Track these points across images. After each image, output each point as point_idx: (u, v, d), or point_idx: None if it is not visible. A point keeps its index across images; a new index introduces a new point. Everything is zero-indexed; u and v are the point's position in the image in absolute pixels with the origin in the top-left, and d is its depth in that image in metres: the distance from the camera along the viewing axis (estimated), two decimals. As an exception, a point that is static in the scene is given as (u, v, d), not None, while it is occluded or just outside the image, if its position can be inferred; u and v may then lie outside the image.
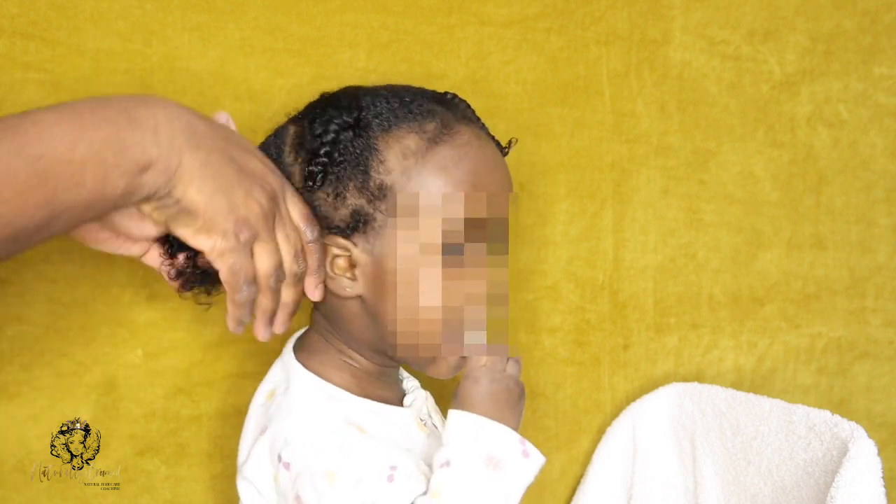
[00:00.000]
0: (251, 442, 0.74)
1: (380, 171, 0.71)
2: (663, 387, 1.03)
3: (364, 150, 0.71)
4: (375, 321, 0.73)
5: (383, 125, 0.72)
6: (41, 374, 0.85)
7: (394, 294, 0.71)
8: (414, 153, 0.71)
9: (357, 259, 0.72)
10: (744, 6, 1.10)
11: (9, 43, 0.82)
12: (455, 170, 0.71)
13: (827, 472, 0.83)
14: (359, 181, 0.71)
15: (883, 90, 1.15)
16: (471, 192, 0.71)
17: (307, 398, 0.72)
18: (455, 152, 0.72)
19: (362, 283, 0.72)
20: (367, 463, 0.67)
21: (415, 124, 0.72)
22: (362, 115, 0.72)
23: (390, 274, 0.71)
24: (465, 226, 0.71)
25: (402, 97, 0.74)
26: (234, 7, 0.89)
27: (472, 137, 0.73)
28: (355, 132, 0.71)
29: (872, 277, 1.15)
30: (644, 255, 1.07)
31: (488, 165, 0.74)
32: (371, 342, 0.75)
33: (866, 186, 1.14)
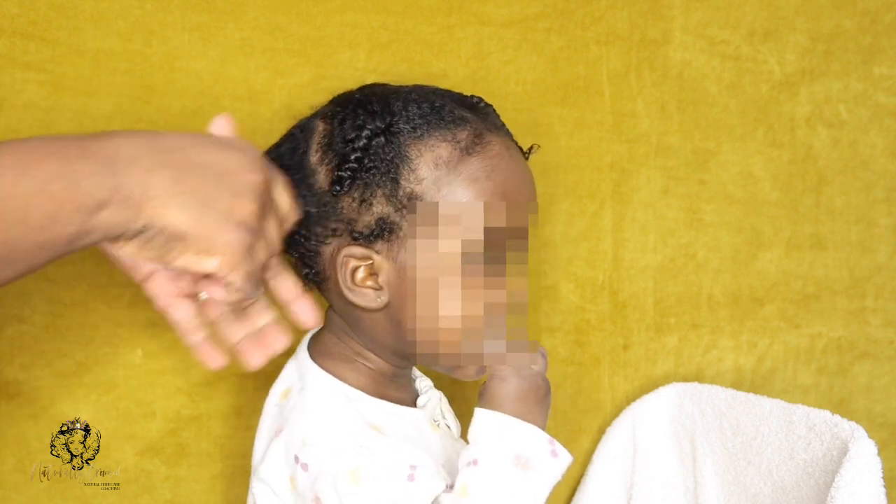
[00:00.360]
0: (266, 442, 0.73)
1: (410, 179, 0.70)
2: (663, 387, 1.03)
3: (395, 157, 0.70)
4: (398, 328, 0.72)
5: (415, 133, 0.71)
6: (41, 374, 0.85)
7: (418, 302, 0.71)
8: (446, 163, 0.70)
9: (379, 267, 0.71)
10: (744, 6, 1.10)
11: (9, 43, 0.82)
12: (486, 182, 0.71)
13: (827, 472, 0.83)
14: (388, 189, 0.70)
15: (883, 90, 1.15)
16: (500, 202, 0.71)
17: (324, 399, 0.72)
18: (487, 164, 0.71)
19: (387, 290, 0.71)
20: (387, 462, 0.67)
21: (447, 133, 0.71)
22: (394, 121, 0.71)
23: (414, 282, 0.70)
24: (492, 236, 0.71)
25: (432, 102, 0.73)
26: (234, 7, 0.89)
27: (502, 149, 0.73)
28: (387, 138, 0.70)
29: (872, 277, 1.15)
30: (644, 255, 1.07)
31: (518, 176, 0.74)
32: (392, 347, 0.74)
33: (866, 186, 1.14)
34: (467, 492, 0.66)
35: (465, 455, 0.69)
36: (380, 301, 0.71)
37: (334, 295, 0.74)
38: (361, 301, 0.71)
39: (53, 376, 0.85)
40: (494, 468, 0.67)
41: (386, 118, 0.71)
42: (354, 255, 0.71)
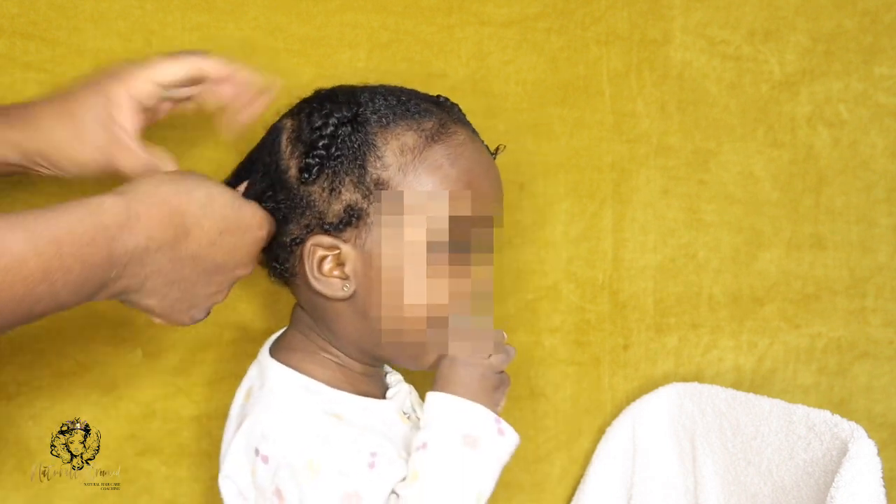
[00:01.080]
0: (229, 439, 0.74)
1: (377, 166, 0.71)
2: (663, 387, 1.03)
3: (362, 145, 0.71)
4: (363, 318, 0.73)
5: (382, 121, 0.72)
6: (41, 374, 0.85)
7: (384, 290, 0.71)
8: (412, 149, 0.72)
9: (346, 257, 0.72)
10: (744, 6, 1.10)
11: (9, 43, 0.82)
12: (451, 168, 0.72)
13: (827, 472, 0.83)
14: (355, 176, 0.71)
15: (883, 90, 1.15)
16: (464, 190, 0.72)
17: (283, 392, 0.72)
18: (451, 151, 0.73)
19: (353, 280, 0.72)
20: (347, 451, 0.68)
21: (413, 122, 0.73)
22: (360, 111, 0.72)
23: (381, 270, 0.71)
24: (456, 224, 0.72)
25: (398, 96, 0.75)
26: (234, 7, 0.89)
27: (466, 139, 0.74)
28: (353, 127, 0.72)
29: (872, 277, 1.15)
30: (644, 255, 1.07)
31: (482, 166, 0.75)
32: (356, 340, 0.75)
33: (866, 186, 1.14)
34: (418, 476, 0.67)
35: (416, 439, 0.70)
36: (346, 290, 0.72)
37: (302, 288, 0.75)
38: (328, 290, 0.72)
39: (53, 376, 0.85)
40: (443, 450, 0.68)
41: (353, 108, 0.73)
42: (322, 245, 0.72)
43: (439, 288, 0.72)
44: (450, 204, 0.72)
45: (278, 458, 0.67)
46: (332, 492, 0.66)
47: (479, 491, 0.68)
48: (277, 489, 0.67)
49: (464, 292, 0.73)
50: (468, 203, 0.72)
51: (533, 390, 1.03)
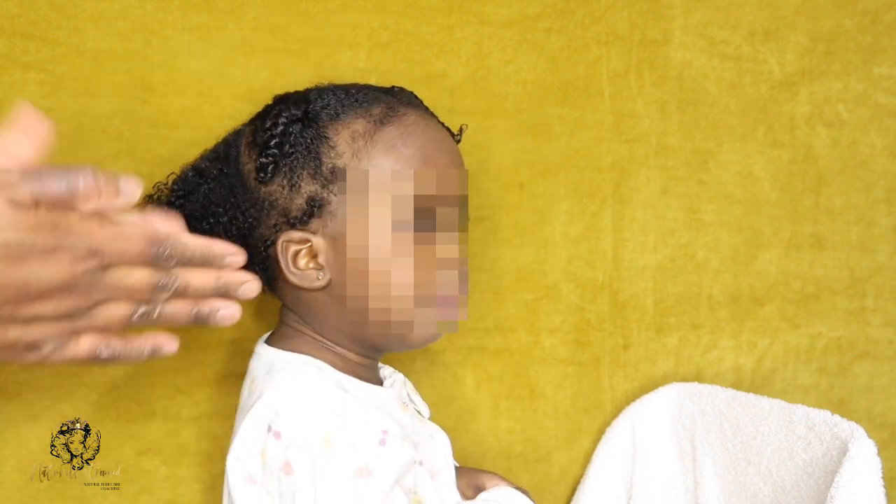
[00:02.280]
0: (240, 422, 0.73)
1: (331, 155, 0.73)
2: (663, 387, 1.03)
3: (314, 138, 0.73)
4: (341, 303, 0.74)
5: (331, 114, 0.74)
6: (41, 374, 0.85)
7: (353, 273, 0.73)
8: (362, 135, 0.74)
9: (318, 247, 0.74)
10: (744, 6, 1.10)
11: (9, 43, 0.82)
12: (403, 148, 0.74)
13: (827, 472, 0.83)
14: (311, 168, 0.73)
15: (883, 90, 1.15)
16: (420, 168, 0.74)
17: (295, 370, 0.74)
18: (402, 131, 0.74)
19: (328, 269, 0.74)
20: (360, 426, 0.69)
21: (361, 110, 0.75)
22: (310, 108, 0.75)
23: (347, 254, 0.73)
24: (415, 202, 0.73)
25: (347, 90, 0.77)
26: (234, 7, 0.89)
27: (417, 118, 0.76)
28: (304, 123, 0.74)
29: (872, 277, 1.15)
30: (644, 254, 1.07)
31: (436, 143, 0.76)
32: (344, 328, 0.76)
33: (866, 186, 1.14)
34: None
35: None
36: (321, 279, 0.74)
37: (285, 289, 0.77)
38: (304, 283, 0.74)
39: (53, 376, 0.85)
40: None
41: (301, 105, 0.75)
42: (293, 240, 0.74)
43: (406, 266, 0.73)
44: (405, 182, 0.73)
45: (291, 433, 0.68)
46: (346, 465, 0.66)
47: None
48: (287, 463, 0.67)
49: (432, 270, 0.75)
50: (425, 180, 0.74)
51: (533, 390, 1.03)
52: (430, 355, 0.99)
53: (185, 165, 0.80)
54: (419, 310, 0.74)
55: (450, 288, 0.76)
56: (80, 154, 0.85)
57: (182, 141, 0.87)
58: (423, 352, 0.99)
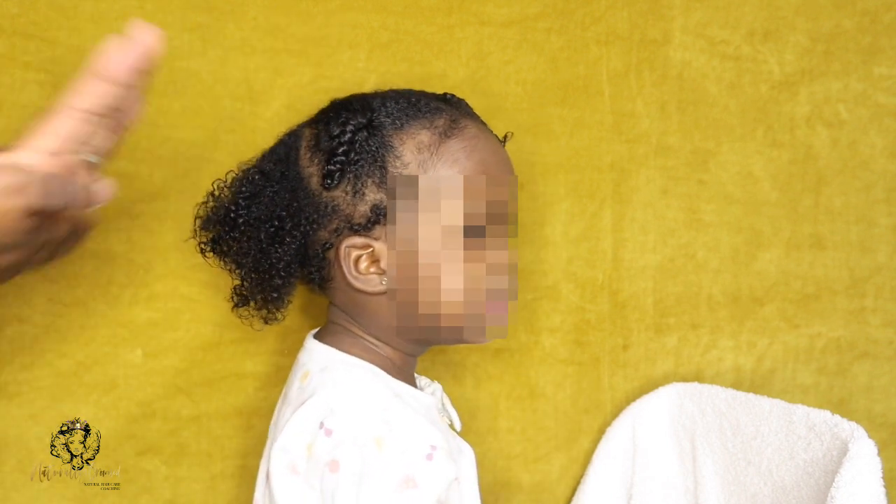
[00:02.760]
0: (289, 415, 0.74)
1: (397, 165, 0.75)
2: (663, 387, 1.03)
3: (380, 147, 0.75)
4: (402, 307, 0.76)
5: (396, 124, 0.76)
6: (41, 374, 0.85)
7: (419, 279, 0.75)
8: (428, 147, 0.76)
9: (380, 253, 0.76)
10: (744, 6, 1.10)
11: (9, 43, 0.82)
12: (467, 161, 0.76)
13: (827, 472, 0.84)
14: (377, 177, 0.75)
15: (883, 90, 1.15)
16: (481, 178, 0.76)
17: (350, 372, 0.75)
18: (465, 144, 0.77)
19: (389, 274, 0.76)
20: (410, 436, 0.70)
21: (425, 121, 0.77)
22: (374, 116, 0.76)
23: (413, 260, 0.75)
24: (477, 212, 0.76)
25: (408, 98, 0.78)
26: (234, 7, 0.89)
27: (477, 131, 0.79)
28: (370, 132, 0.76)
29: (872, 277, 1.15)
30: (644, 254, 1.07)
31: (495, 155, 0.79)
32: (398, 328, 0.78)
33: (866, 186, 1.14)
34: None
35: None
36: (384, 284, 0.76)
37: (338, 290, 0.79)
38: (367, 287, 0.76)
39: (53, 376, 0.85)
40: None
41: (367, 114, 0.76)
42: (356, 246, 0.75)
43: (471, 272, 0.76)
44: (470, 193, 0.76)
45: (343, 432, 0.69)
46: (394, 471, 0.67)
47: None
48: (334, 461, 0.68)
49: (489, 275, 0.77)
50: (487, 189, 0.77)
51: (533, 390, 1.03)
52: (431, 355, 0.99)
53: (244, 164, 0.80)
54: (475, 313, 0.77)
55: (501, 294, 0.78)
56: (80, 154, 0.85)
57: (182, 141, 0.87)
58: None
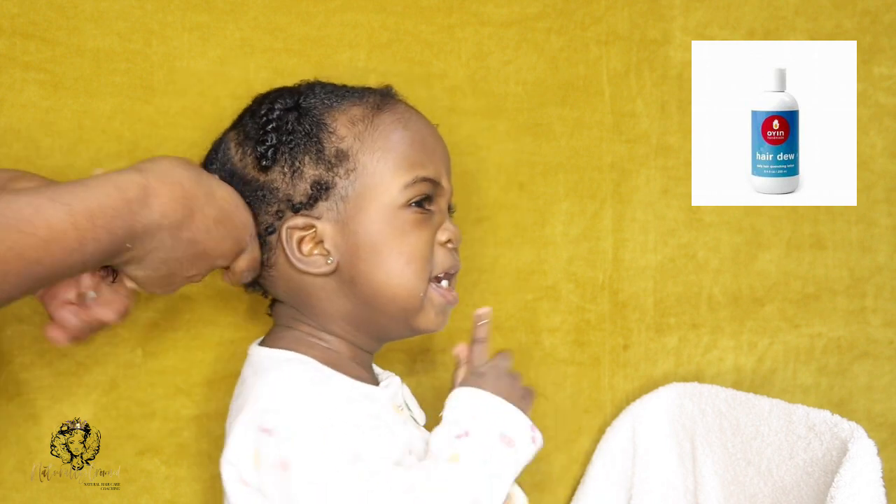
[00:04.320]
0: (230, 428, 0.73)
1: (332, 139, 0.75)
2: (663, 387, 1.03)
3: (311, 125, 0.75)
4: (351, 287, 0.75)
5: (325, 104, 0.76)
6: (41, 374, 0.85)
7: (367, 255, 0.74)
8: (361, 119, 0.76)
9: (322, 233, 0.75)
10: (744, 6, 1.10)
11: (9, 43, 0.82)
12: (404, 131, 0.76)
13: (827, 472, 0.83)
14: (313, 152, 0.74)
15: (883, 90, 1.15)
16: (421, 151, 0.76)
17: (279, 368, 0.74)
18: (398, 117, 0.77)
19: (335, 253, 0.75)
20: (352, 415, 0.69)
21: (355, 98, 0.77)
22: (302, 99, 0.76)
23: (359, 237, 0.74)
24: (420, 184, 0.75)
25: (334, 85, 0.79)
26: (234, 7, 0.89)
27: (409, 109, 0.79)
28: (299, 112, 0.75)
29: (872, 277, 1.15)
30: (644, 255, 1.07)
31: (430, 131, 0.79)
32: (349, 314, 0.76)
33: (866, 186, 1.14)
34: (458, 459, 0.69)
35: (451, 428, 0.72)
36: (330, 264, 0.75)
37: (281, 279, 0.77)
38: (312, 268, 0.75)
39: (53, 376, 0.85)
40: (484, 441, 0.71)
41: (294, 97, 0.76)
42: (297, 226, 0.75)
43: (414, 246, 0.75)
44: (412, 164, 0.75)
45: (283, 428, 0.68)
46: (341, 454, 0.66)
47: (503, 487, 0.70)
48: (283, 461, 0.66)
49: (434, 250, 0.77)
50: (428, 163, 0.76)
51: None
52: (431, 355, 0.99)
53: None
54: (424, 286, 0.76)
55: (447, 268, 0.78)
56: (80, 154, 0.85)
57: (182, 141, 0.87)
58: (423, 352, 0.99)
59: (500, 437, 0.72)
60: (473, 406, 0.74)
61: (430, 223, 0.77)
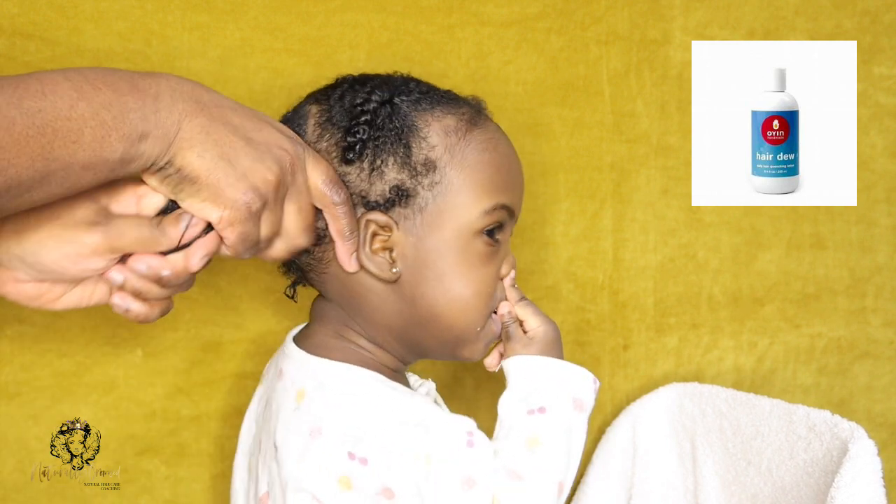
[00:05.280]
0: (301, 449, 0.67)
1: (422, 146, 0.70)
2: (663, 387, 1.03)
3: (404, 125, 0.70)
4: (409, 304, 0.71)
5: (419, 105, 0.71)
6: (41, 374, 0.85)
7: (435, 276, 0.70)
8: (455, 131, 0.71)
9: (396, 240, 0.70)
10: (744, 6, 1.10)
11: (9, 43, 0.82)
12: (493, 153, 0.72)
13: (827, 472, 0.84)
14: (400, 155, 0.69)
15: (883, 90, 1.15)
16: (506, 176, 0.73)
17: (355, 387, 0.69)
18: (490, 136, 0.73)
19: (401, 264, 0.70)
20: (445, 435, 0.66)
21: (449, 106, 0.72)
22: (396, 94, 0.72)
23: (432, 255, 0.70)
24: (499, 211, 0.72)
25: (429, 84, 0.75)
26: (234, 7, 0.89)
27: (497, 128, 0.75)
28: (392, 108, 0.71)
29: (872, 277, 1.15)
30: (644, 254, 1.07)
31: (514, 155, 0.75)
32: (398, 327, 0.72)
33: (866, 186, 1.14)
34: (540, 443, 0.66)
35: (523, 404, 0.69)
36: (394, 272, 0.70)
37: (336, 276, 0.72)
38: (376, 269, 0.70)
39: (53, 376, 0.85)
40: (561, 415, 0.68)
41: (388, 90, 0.72)
42: (377, 221, 0.70)
43: (486, 275, 0.72)
44: (497, 188, 0.71)
45: (381, 456, 0.64)
46: (451, 481, 0.64)
47: (579, 455, 0.68)
48: (386, 488, 0.64)
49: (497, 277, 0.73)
50: (511, 190, 0.73)
51: (533, 390, 1.03)
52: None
53: None
54: (483, 321, 0.72)
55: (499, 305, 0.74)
56: (80, 154, 0.85)
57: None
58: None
59: (573, 404, 0.68)
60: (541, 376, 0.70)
61: (497, 256, 0.73)
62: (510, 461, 0.66)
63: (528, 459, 0.65)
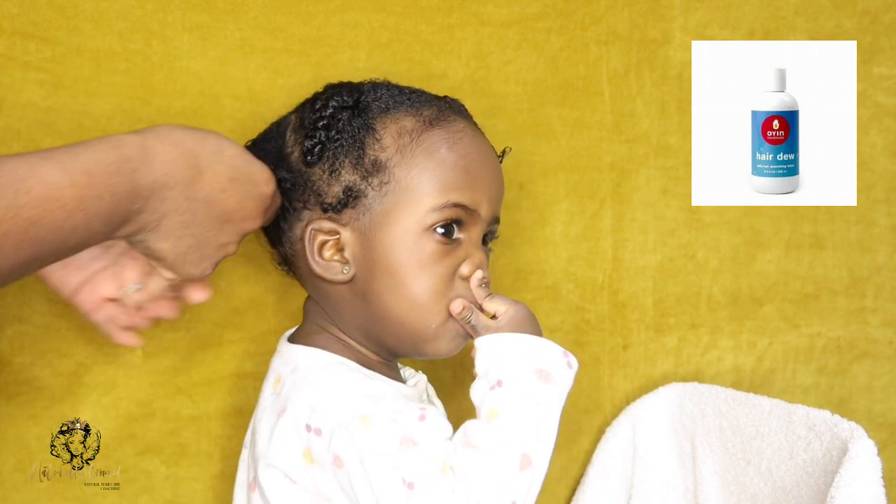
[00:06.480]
0: (270, 427, 0.72)
1: (375, 148, 0.73)
2: (663, 387, 1.03)
3: (361, 128, 0.73)
4: (364, 301, 0.73)
5: (382, 107, 0.74)
6: (41, 374, 0.85)
7: (383, 273, 0.72)
8: (410, 132, 0.73)
9: (345, 241, 0.73)
10: (744, 6, 1.10)
11: (9, 43, 0.82)
12: (448, 153, 0.73)
13: (827, 472, 0.84)
14: (354, 157, 0.72)
15: (883, 90, 1.15)
16: (461, 176, 0.73)
17: (322, 368, 0.72)
18: (449, 136, 0.74)
19: (353, 264, 0.73)
20: (396, 406, 0.68)
21: (413, 109, 0.74)
22: (362, 98, 0.74)
23: (378, 253, 0.72)
24: (450, 210, 0.72)
25: (401, 89, 0.76)
26: (234, 7, 0.89)
27: (466, 127, 0.76)
28: (354, 112, 0.74)
29: (872, 277, 1.15)
30: (643, 254, 1.07)
31: (481, 156, 0.75)
32: (362, 325, 0.75)
33: (866, 186, 1.14)
34: (498, 414, 0.66)
35: (484, 382, 0.69)
36: (346, 273, 0.73)
37: (306, 278, 0.77)
38: (328, 274, 0.73)
39: (53, 376, 0.85)
40: (521, 386, 0.68)
41: (354, 95, 0.75)
42: (322, 230, 0.73)
43: (431, 274, 0.72)
44: (444, 187, 0.72)
45: (331, 425, 0.67)
46: (388, 439, 0.65)
47: (551, 428, 0.68)
48: (336, 456, 0.66)
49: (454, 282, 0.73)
50: (464, 189, 0.73)
51: (533, 390, 1.03)
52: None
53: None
54: (437, 319, 0.73)
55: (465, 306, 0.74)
56: (80, 154, 0.85)
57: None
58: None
59: (535, 374, 0.68)
60: (498, 351, 0.70)
61: (452, 254, 0.73)
62: (468, 434, 0.66)
63: (485, 430, 0.66)
